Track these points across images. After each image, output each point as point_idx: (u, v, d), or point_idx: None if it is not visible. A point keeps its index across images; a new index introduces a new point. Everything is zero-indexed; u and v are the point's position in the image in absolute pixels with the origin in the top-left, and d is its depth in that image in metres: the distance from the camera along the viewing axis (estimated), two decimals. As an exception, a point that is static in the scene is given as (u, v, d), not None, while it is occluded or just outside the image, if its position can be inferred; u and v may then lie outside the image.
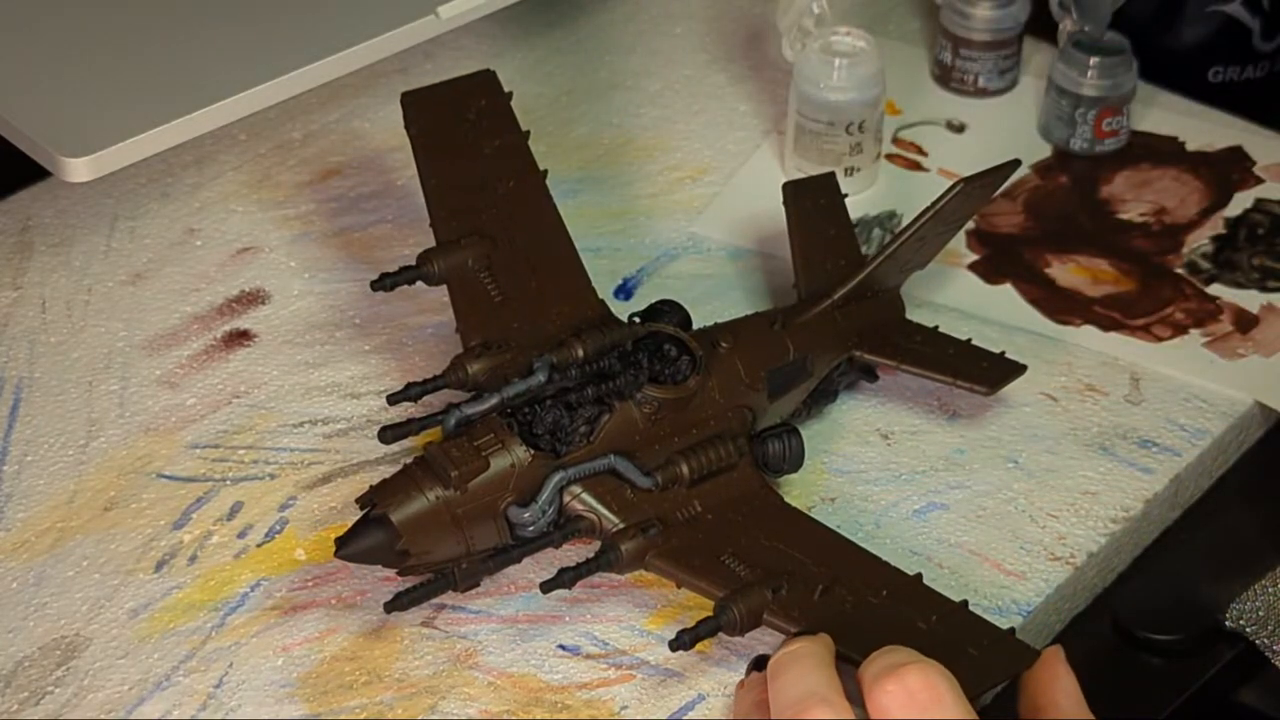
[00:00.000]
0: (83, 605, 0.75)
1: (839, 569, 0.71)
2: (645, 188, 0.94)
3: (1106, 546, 0.78)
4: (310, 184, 0.94)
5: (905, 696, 0.63)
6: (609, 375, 0.75)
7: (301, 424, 0.82)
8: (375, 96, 0.98)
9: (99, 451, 0.81)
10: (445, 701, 0.71)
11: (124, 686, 0.72)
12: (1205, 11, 1.01)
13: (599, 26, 1.04)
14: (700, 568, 0.71)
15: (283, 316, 0.87)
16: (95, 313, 0.87)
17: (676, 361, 0.76)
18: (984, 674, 0.64)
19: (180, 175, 0.94)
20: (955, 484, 0.80)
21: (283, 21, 0.90)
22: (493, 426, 0.73)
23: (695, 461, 0.74)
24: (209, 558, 0.76)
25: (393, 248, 0.90)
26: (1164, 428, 0.82)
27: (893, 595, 0.70)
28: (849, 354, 0.81)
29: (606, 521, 0.73)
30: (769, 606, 0.69)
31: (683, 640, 0.69)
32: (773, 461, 0.77)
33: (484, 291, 0.79)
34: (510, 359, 0.76)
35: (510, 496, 0.72)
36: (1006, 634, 0.69)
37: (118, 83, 0.86)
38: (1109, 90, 0.96)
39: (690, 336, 0.76)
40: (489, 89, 0.85)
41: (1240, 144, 0.97)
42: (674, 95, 1.00)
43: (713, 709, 0.71)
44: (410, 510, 0.71)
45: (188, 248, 0.91)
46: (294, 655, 0.73)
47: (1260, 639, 0.76)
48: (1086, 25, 0.97)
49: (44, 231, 0.91)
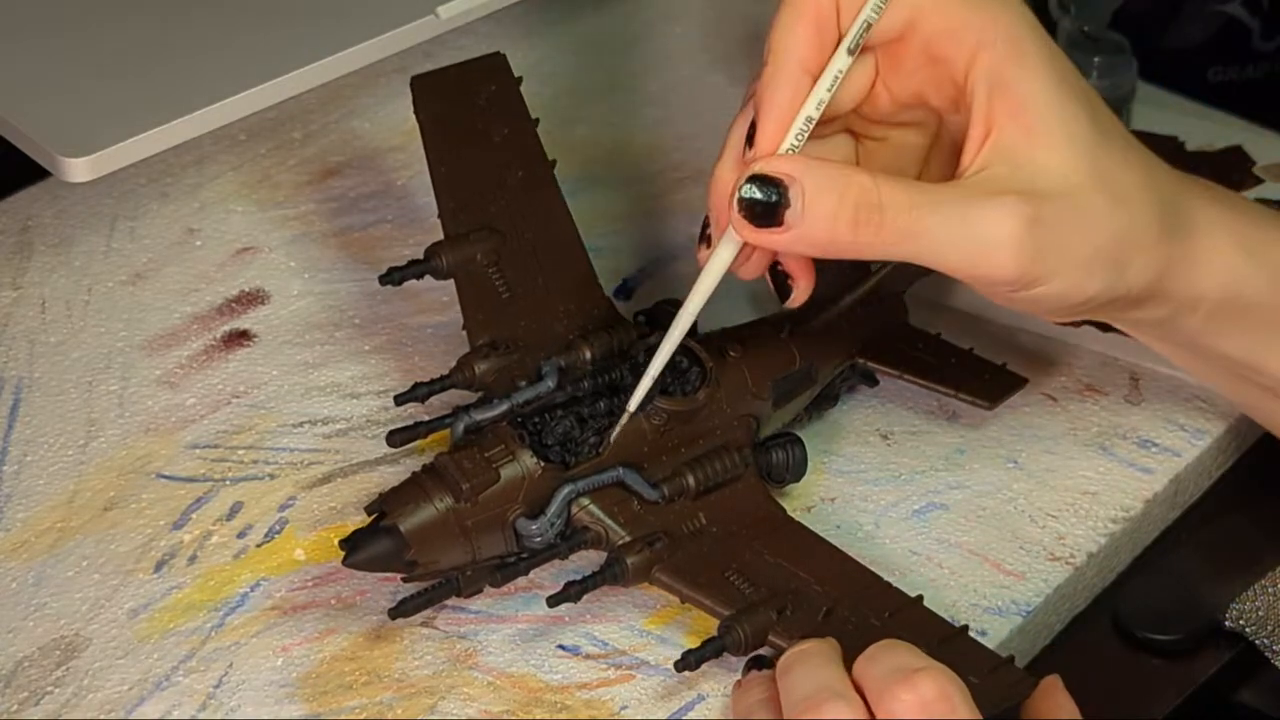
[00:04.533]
0: (83, 605, 0.75)
1: (842, 589, 0.71)
2: (645, 188, 0.94)
3: (1106, 546, 0.78)
4: (310, 184, 0.94)
5: (919, 706, 0.62)
6: (621, 387, 0.75)
7: (301, 424, 0.82)
8: (375, 96, 0.98)
9: (99, 451, 0.81)
10: (445, 701, 0.71)
11: (124, 686, 0.72)
12: (1205, 11, 1.01)
13: (599, 26, 1.04)
14: (705, 584, 0.71)
15: (283, 316, 0.87)
16: (95, 313, 0.87)
17: (686, 373, 0.76)
18: (984, 703, 0.64)
19: (180, 175, 0.94)
20: (955, 484, 0.80)
21: (283, 21, 0.90)
22: (503, 436, 0.73)
23: (701, 473, 0.74)
24: (209, 558, 0.76)
25: (393, 248, 0.90)
26: (1164, 428, 0.82)
27: (894, 618, 0.70)
28: (852, 361, 0.81)
29: (613, 534, 0.73)
30: (774, 628, 0.69)
31: (688, 661, 0.69)
32: (775, 471, 0.77)
33: (491, 288, 0.79)
34: (518, 360, 0.76)
35: (519, 508, 0.72)
36: (1006, 661, 0.69)
37: (118, 83, 0.86)
38: (1108, 90, 0.96)
39: (700, 345, 0.76)
40: (499, 74, 0.85)
41: (1240, 144, 0.97)
42: (674, 95, 1.00)
43: (712, 709, 0.71)
44: (420, 520, 0.71)
45: (188, 248, 0.91)
46: (294, 655, 0.73)
47: (1260, 639, 0.76)
48: (1086, 25, 0.97)
49: (44, 231, 0.91)
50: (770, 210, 0.66)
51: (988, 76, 0.68)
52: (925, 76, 0.70)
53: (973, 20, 0.68)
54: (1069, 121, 0.68)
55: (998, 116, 0.68)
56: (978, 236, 0.67)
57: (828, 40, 0.68)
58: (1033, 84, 0.67)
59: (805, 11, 0.68)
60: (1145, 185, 0.70)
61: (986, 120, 0.68)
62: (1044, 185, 0.67)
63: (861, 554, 0.74)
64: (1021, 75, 0.67)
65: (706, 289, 0.71)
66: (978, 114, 0.68)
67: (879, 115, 0.72)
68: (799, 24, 0.68)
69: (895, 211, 0.66)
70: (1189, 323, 0.73)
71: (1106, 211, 0.68)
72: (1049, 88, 0.67)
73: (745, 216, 0.67)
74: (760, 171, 0.67)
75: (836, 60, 0.68)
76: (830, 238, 0.67)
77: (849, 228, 0.66)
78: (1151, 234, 0.69)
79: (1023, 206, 0.66)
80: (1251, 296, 0.72)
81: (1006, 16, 0.68)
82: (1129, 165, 0.69)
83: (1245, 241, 0.72)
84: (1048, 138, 0.67)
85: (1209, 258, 0.71)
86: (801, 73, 0.68)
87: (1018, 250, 0.67)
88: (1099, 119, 0.69)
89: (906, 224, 0.66)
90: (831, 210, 0.66)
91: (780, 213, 0.66)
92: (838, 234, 0.66)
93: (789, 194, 0.66)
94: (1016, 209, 0.66)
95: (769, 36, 0.68)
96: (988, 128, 0.68)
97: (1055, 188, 0.67)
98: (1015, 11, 0.68)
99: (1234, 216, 0.72)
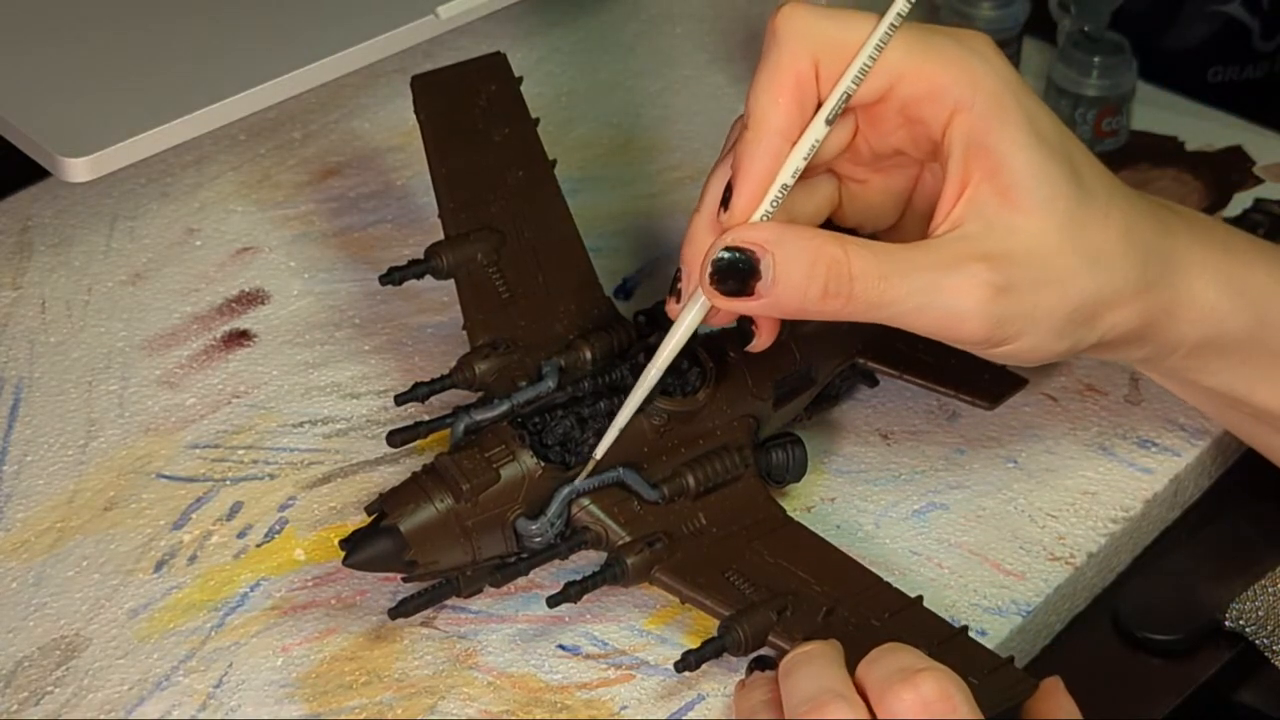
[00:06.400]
0: (83, 605, 0.75)
1: (841, 589, 0.71)
2: (645, 188, 0.94)
3: (1106, 546, 0.78)
4: (310, 184, 0.94)
5: (920, 706, 0.62)
6: (621, 388, 0.75)
7: (301, 424, 0.82)
8: (375, 96, 0.98)
9: (99, 451, 0.81)
10: (445, 701, 0.71)
11: (124, 686, 0.72)
12: (1205, 11, 1.01)
13: (599, 26, 1.04)
14: (705, 585, 0.71)
15: (283, 316, 0.87)
16: (95, 313, 0.87)
17: (687, 374, 0.76)
18: (984, 703, 0.64)
19: (180, 175, 0.94)
20: (955, 484, 0.80)
21: (283, 21, 0.90)
22: (503, 437, 0.73)
23: (701, 473, 0.74)
24: (209, 558, 0.76)
25: (392, 248, 0.90)
26: (1164, 428, 0.82)
27: (894, 618, 0.70)
28: (852, 361, 0.81)
29: (613, 534, 0.73)
30: (774, 628, 0.69)
31: (688, 661, 0.69)
32: (776, 471, 0.77)
33: (492, 288, 0.79)
34: (518, 360, 0.77)
35: (519, 508, 0.72)
36: (1007, 662, 0.69)
37: (118, 83, 0.86)
38: (1108, 90, 0.96)
39: (700, 346, 0.76)
40: (499, 74, 0.85)
41: (1240, 144, 0.97)
42: (674, 95, 1.00)
43: (712, 709, 0.71)
44: (419, 520, 0.71)
45: (187, 248, 0.91)
46: (294, 655, 0.73)
47: (1260, 639, 0.76)
48: (1086, 25, 0.97)
49: (44, 231, 0.91)
50: (741, 280, 0.67)
51: (964, 137, 0.68)
52: (904, 135, 0.70)
53: (951, 84, 0.68)
54: (1045, 183, 0.68)
55: (973, 176, 0.68)
56: (945, 305, 0.67)
57: (808, 104, 0.68)
58: (1010, 145, 0.68)
59: (784, 79, 0.68)
60: (1125, 242, 0.70)
61: (961, 179, 0.68)
62: (1015, 247, 0.68)
63: (861, 554, 0.74)
64: (1000, 137, 0.68)
65: (674, 347, 0.71)
66: (953, 173, 0.68)
67: (861, 162, 0.72)
68: (779, 91, 0.68)
69: (865, 282, 0.67)
70: (1170, 360, 0.74)
71: (1080, 273, 0.69)
72: (1027, 148, 0.68)
73: (715, 286, 0.68)
74: (732, 244, 0.67)
75: (814, 129, 0.69)
76: (800, 306, 0.68)
77: (819, 298, 0.67)
78: (1129, 290, 0.70)
79: (990, 275, 0.67)
80: (1233, 334, 0.73)
81: (988, 78, 0.68)
82: (1110, 222, 0.70)
83: (1229, 281, 0.72)
84: (1023, 199, 0.68)
85: (1190, 303, 0.72)
86: (780, 139, 0.68)
87: (985, 318, 0.68)
88: (1081, 176, 0.69)
89: (876, 295, 0.67)
90: (802, 282, 0.67)
91: (751, 283, 0.67)
92: (808, 303, 0.67)
93: (760, 265, 0.67)
94: (983, 278, 0.67)
95: (748, 97, 0.69)
96: (962, 186, 0.68)
97: (1027, 250, 0.68)
98: (997, 71, 0.68)
99: (1218, 256, 0.73)
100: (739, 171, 0.69)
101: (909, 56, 0.68)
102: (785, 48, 0.68)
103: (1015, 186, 0.68)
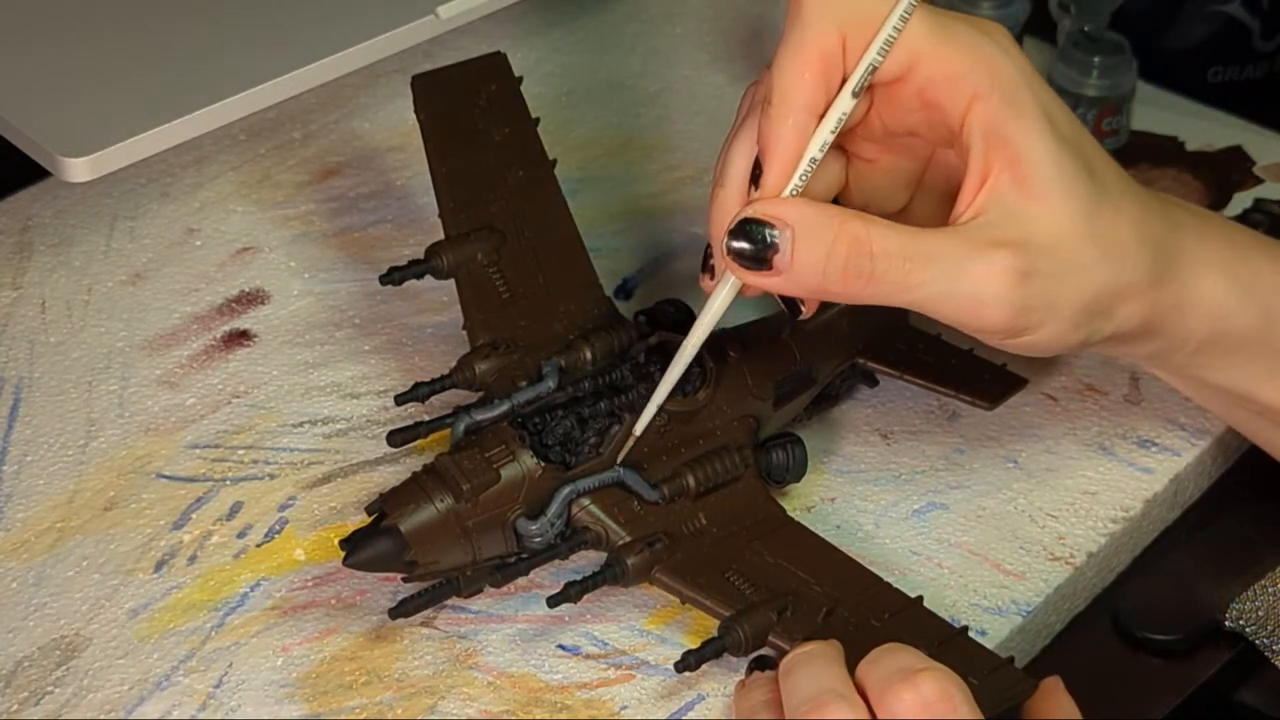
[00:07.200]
0: (83, 605, 0.75)
1: (842, 589, 0.71)
2: (645, 188, 0.94)
3: (1106, 546, 0.78)
4: (310, 184, 0.94)
5: (920, 706, 0.62)
6: (622, 388, 0.75)
7: (301, 424, 0.82)
8: (375, 96, 0.98)
9: (99, 451, 0.81)
10: (445, 701, 0.71)
11: (124, 686, 0.72)
12: (1205, 11, 1.01)
13: (599, 26, 1.04)
14: (705, 585, 0.71)
15: (283, 316, 0.87)
16: (95, 313, 0.87)
17: (687, 374, 0.76)
18: (984, 704, 0.64)
19: (180, 175, 0.94)
20: (955, 484, 0.80)
21: (283, 21, 0.90)
22: (503, 436, 0.73)
23: (701, 473, 0.74)
24: (209, 558, 0.76)
25: (392, 248, 0.90)
26: (1164, 428, 0.82)
27: (895, 618, 0.70)
28: (852, 361, 0.81)
29: (613, 534, 0.73)
30: (774, 629, 0.69)
31: (688, 662, 0.69)
32: (776, 471, 0.77)
33: (492, 288, 0.79)
34: (518, 360, 0.77)
35: (519, 508, 0.72)
36: (1007, 662, 0.69)
37: (118, 83, 0.86)
38: (1108, 90, 0.96)
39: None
40: (499, 74, 0.85)
41: (1240, 144, 0.97)
42: (674, 95, 1.00)
43: (712, 709, 0.71)
44: (420, 520, 0.71)
45: (187, 248, 0.91)
46: (294, 655, 0.73)
47: (1260, 639, 0.76)
48: (1086, 25, 0.97)
49: (44, 231, 0.91)
50: (759, 255, 0.67)
51: (983, 127, 0.68)
52: (920, 118, 0.70)
53: (970, 70, 0.68)
54: (1063, 176, 0.68)
55: (994, 166, 0.68)
56: (970, 291, 0.67)
57: (833, 80, 0.68)
58: (1028, 136, 0.68)
59: (810, 54, 0.68)
60: (1137, 235, 0.70)
61: (983, 169, 0.68)
62: (1036, 236, 0.68)
63: (861, 554, 0.74)
64: (1018, 127, 0.68)
65: (709, 322, 0.72)
66: (974, 162, 0.68)
67: (872, 138, 0.72)
68: (805, 67, 0.68)
69: (888, 262, 0.67)
70: (1177, 357, 0.74)
71: (1096, 264, 0.69)
72: (1044, 140, 0.68)
73: (735, 259, 0.68)
74: (751, 215, 0.67)
75: (841, 102, 0.69)
76: (820, 285, 0.67)
77: (839, 277, 0.67)
78: (1141, 283, 0.70)
79: (1014, 261, 0.67)
80: (1240, 331, 0.73)
81: (1006, 68, 0.68)
82: (1121, 216, 0.70)
83: (1236, 278, 0.73)
84: (1042, 189, 0.68)
85: (1198, 299, 0.72)
86: (806, 115, 0.68)
87: (1008, 304, 0.68)
88: (1094, 169, 0.69)
89: (899, 277, 0.67)
90: (820, 259, 0.67)
91: (769, 257, 0.67)
92: (829, 282, 0.67)
93: (778, 240, 0.67)
94: (1008, 264, 0.67)
95: (772, 74, 0.68)
96: (984, 176, 0.68)
97: (1047, 239, 0.68)
98: (1015, 63, 0.69)
99: (1225, 252, 0.73)
100: (766, 149, 0.68)
101: (930, 38, 0.68)
102: (812, 22, 0.68)
103: (1034, 177, 0.68)
